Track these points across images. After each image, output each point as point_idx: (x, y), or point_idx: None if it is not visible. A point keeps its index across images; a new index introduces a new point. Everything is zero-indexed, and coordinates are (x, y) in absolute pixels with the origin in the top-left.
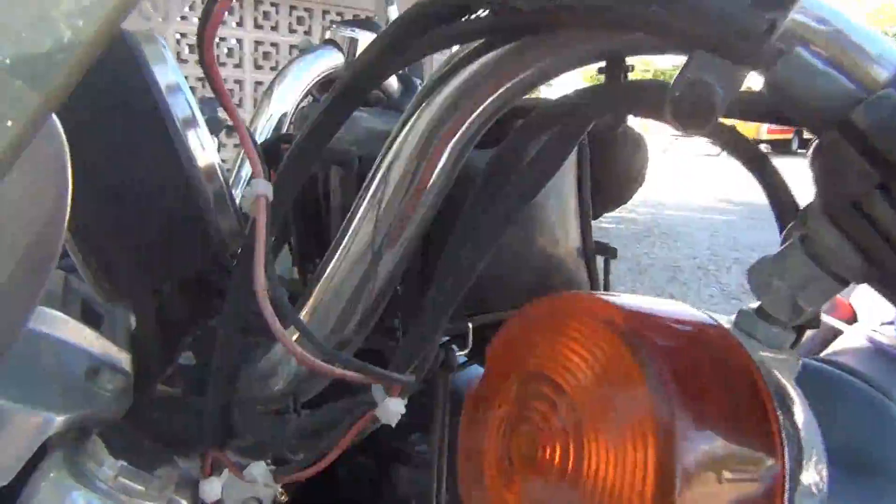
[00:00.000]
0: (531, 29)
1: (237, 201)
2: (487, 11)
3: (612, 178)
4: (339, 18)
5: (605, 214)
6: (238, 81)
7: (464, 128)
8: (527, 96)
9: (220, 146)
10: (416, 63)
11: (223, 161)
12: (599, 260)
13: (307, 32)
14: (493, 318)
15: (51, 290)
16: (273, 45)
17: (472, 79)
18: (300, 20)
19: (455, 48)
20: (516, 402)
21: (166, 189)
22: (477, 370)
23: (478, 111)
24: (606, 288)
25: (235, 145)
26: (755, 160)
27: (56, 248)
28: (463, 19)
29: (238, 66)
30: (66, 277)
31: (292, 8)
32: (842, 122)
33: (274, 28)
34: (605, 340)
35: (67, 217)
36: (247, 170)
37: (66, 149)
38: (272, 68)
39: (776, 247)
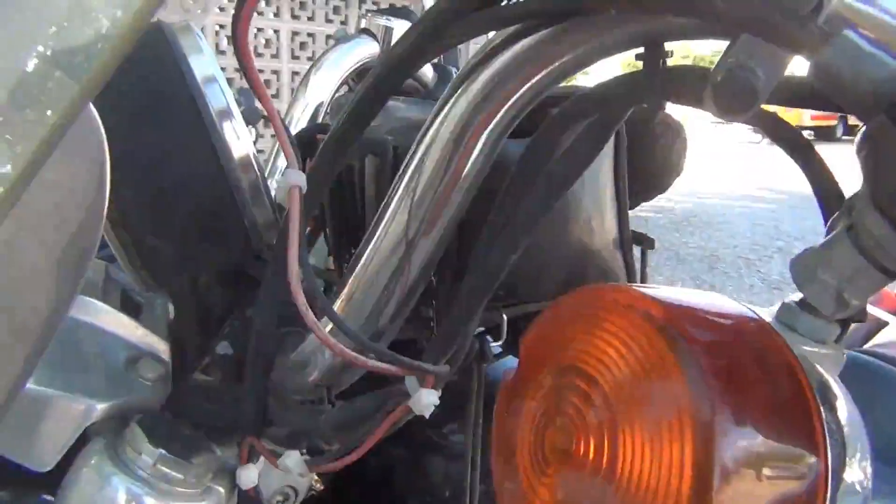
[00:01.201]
0: (569, 14)
1: (273, 192)
2: None
3: (650, 168)
4: (375, 7)
5: (644, 203)
6: (275, 72)
7: (499, 116)
8: (563, 84)
9: (258, 136)
10: (452, 52)
11: (261, 151)
12: (636, 250)
13: (343, 22)
14: (528, 309)
15: (92, 280)
16: (310, 35)
17: (508, 66)
18: (336, 10)
19: (491, 34)
20: (550, 395)
21: (202, 180)
22: (512, 361)
23: (513, 99)
24: (644, 279)
25: (272, 136)
26: (798, 147)
27: (95, 237)
28: (499, 5)
29: (275, 56)
30: (106, 267)
31: None
32: (891, 107)
33: (311, 18)
34: (641, 334)
35: (106, 207)
36: (283, 160)
37: (105, 140)
38: (309, 58)
39: (820, 237)
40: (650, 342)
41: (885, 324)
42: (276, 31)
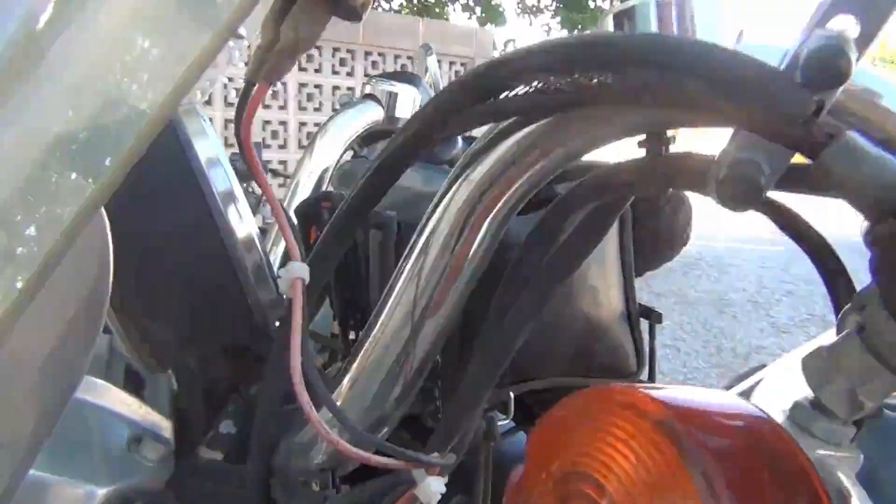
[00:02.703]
0: (570, 106)
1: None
2: (526, 89)
3: (656, 238)
4: (380, 59)
5: None
6: (283, 122)
7: (502, 201)
8: None
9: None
10: None
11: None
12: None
13: (350, 74)
14: (536, 386)
15: (96, 354)
16: (317, 86)
17: (511, 153)
18: (343, 62)
19: None
20: (557, 500)
21: (206, 262)
22: (522, 437)
23: (516, 185)
24: (651, 351)
25: (280, 185)
26: (806, 235)
27: (98, 323)
28: (501, 98)
29: (283, 107)
30: (110, 340)
31: (335, 50)
32: None
33: (317, 70)
34: (650, 441)
35: (109, 293)
36: None
37: (108, 226)
38: (316, 109)
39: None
40: (660, 450)
41: None
42: (283, 83)
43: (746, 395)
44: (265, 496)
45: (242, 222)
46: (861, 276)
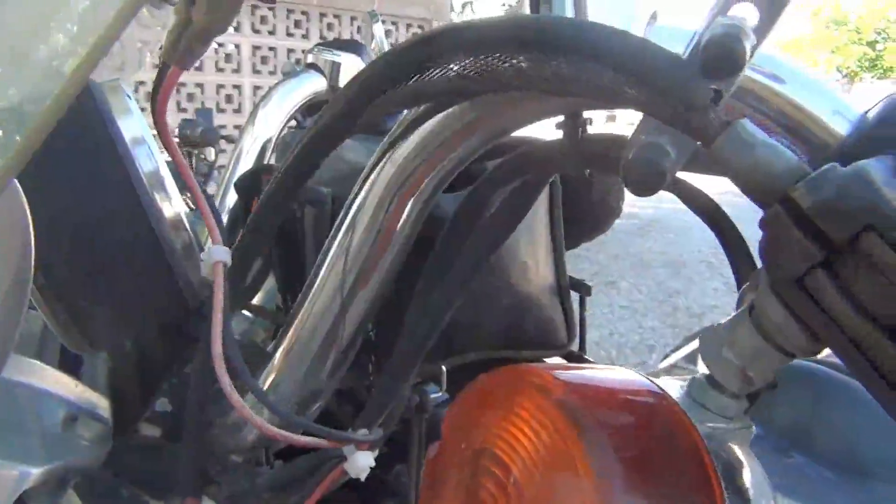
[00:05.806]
0: (488, 91)
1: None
2: (447, 72)
3: (589, 211)
4: (336, 21)
5: None
6: (237, 86)
7: (429, 177)
8: None
9: (220, 152)
10: None
11: (222, 166)
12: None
13: (304, 36)
14: (468, 360)
15: (29, 333)
16: (271, 49)
17: (435, 132)
18: (297, 23)
19: None
20: (468, 477)
21: (133, 244)
22: None
23: (442, 162)
24: (582, 323)
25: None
26: (713, 216)
27: (22, 306)
28: (423, 80)
29: (236, 70)
30: (44, 320)
31: (289, 11)
32: (784, 199)
33: (271, 32)
34: (551, 419)
35: (32, 274)
36: (230, 198)
37: (26, 206)
38: (270, 72)
39: None
40: (558, 428)
41: None
42: (237, 46)
43: (692, 357)
44: (199, 474)
45: (169, 202)
46: None
